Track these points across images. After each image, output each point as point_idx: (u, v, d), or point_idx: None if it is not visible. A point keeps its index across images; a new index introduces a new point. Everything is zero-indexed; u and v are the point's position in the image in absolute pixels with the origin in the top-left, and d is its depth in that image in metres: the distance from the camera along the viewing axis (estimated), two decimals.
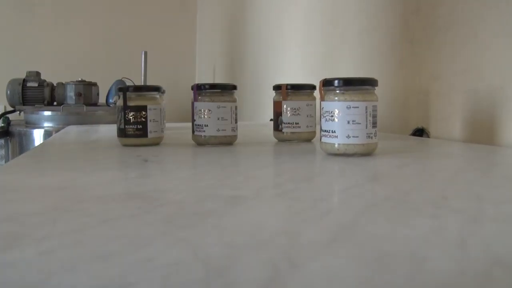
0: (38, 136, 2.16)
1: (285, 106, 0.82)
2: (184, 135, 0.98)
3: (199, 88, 0.77)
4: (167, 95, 1.24)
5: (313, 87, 0.83)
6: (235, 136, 0.79)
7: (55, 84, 2.38)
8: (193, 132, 0.78)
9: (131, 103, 0.76)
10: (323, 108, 0.64)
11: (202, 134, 0.76)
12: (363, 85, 0.63)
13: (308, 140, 0.83)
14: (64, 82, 2.37)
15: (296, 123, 0.81)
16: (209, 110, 0.76)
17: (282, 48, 1.70)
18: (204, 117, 0.76)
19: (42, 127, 2.17)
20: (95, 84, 2.41)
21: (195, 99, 0.77)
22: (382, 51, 1.10)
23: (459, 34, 0.87)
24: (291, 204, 0.36)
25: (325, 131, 0.64)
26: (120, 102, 0.78)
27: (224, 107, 0.76)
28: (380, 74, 1.04)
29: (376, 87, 0.65)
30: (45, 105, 2.34)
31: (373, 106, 0.64)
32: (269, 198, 0.39)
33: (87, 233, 0.29)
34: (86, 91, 2.38)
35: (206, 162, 0.61)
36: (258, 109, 1.95)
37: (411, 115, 1.00)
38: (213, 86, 0.77)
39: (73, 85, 2.36)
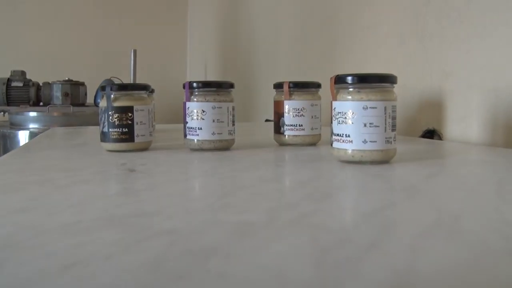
0: (23, 137, 2.06)
1: (287, 107, 0.73)
2: (175, 138, 0.89)
3: (191, 86, 0.68)
4: (157, 94, 1.14)
5: (318, 85, 0.75)
6: (233, 140, 0.70)
7: (41, 84, 2.28)
8: (185, 135, 0.69)
9: (115, 104, 0.67)
10: (335, 108, 0.56)
11: (195, 138, 0.67)
12: (382, 82, 0.55)
13: (313, 144, 0.74)
14: (50, 82, 2.26)
15: (299, 125, 0.73)
16: (203, 111, 0.67)
17: (277, 44, 1.62)
18: (197, 119, 0.67)
19: (27, 129, 2.07)
20: (82, 84, 2.31)
21: (187, 99, 0.68)
22: (388, 47, 1.01)
23: (477, 26, 0.78)
24: (316, 235, 0.28)
25: (338, 135, 0.55)
26: (103, 103, 0.69)
27: (220, 107, 0.67)
28: (386, 71, 0.95)
29: (395, 85, 0.56)
30: (30, 106, 2.23)
31: (392, 106, 0.55)
32: (286, 225, 0.30)
33: None
34: (74, 91, 2.28)
35: (201, 172, 0.52)
36: (252, 108, 1.86)
37: (421, 116, 0.92)
38: (207, 84, 0.68)
39: (60, 85, 2.26)
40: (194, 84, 0.67)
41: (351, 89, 0.55)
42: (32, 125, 2.09)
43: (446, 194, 0.39)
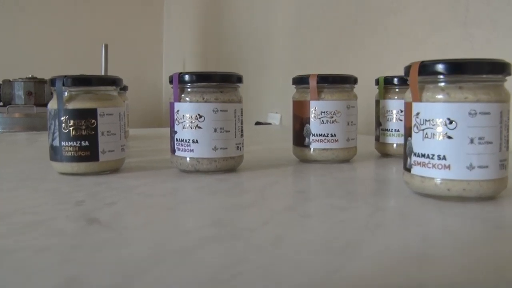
0: None
1: (315, 109, 0.51)
2: (156, 150, 0.66)
3: (182, 80, 0.45)
4: (130, 94, 0.91)
5: (354, 80, 0.53)
6: (241, 158, 0.48)
7: (0, 82, 2.00)
8: (173, 150, 0.47)
9: (70, 105, 0.44)
10: (418, 114, 0.34)
11: (189, 155, 0.45)
12: (493, 73, 0.33)
13: (346, 160, 0.53)
14: (11, 79, 1.99)
15: (332, 135, 0.51)
16: (200, 116, 0.45)
17: (269, 35, 1.39)
18: (191, 127, 0.45)
19: None
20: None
21: (176, 98, 0.46)
22: (416, 35, 0.81)
23: None
24: None
25: (423, 156, 0.34)
26: (53, 104, 0.46)
27: (225, 110, 0.45)
28: None
29: (508, 77, 0.35)
30: None
31: (508, 111, 0.34)
32: None
33: None
34: (38, 90, 2.01)
35: (209, 226, 0.30)
36: None
37: None
38: (205, 77, 0.45)
39: (22, 83, 1.99)
40: (187, 77, 0.45)
41: (445, 84, 0.33)
42: None
43: None
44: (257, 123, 1.26)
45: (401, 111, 0.55)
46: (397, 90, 0.56)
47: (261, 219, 0.29)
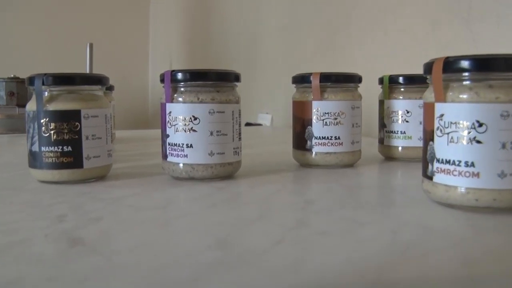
0: None
1: (317, 110, 0.47)
2: (145, 154, 0.62)
3: (175, 79, 0.41)
4: (116, 94, 0.86)
5: (359, 79, 0.49)
6: (238, 164, 0.43)
7: None
8: (164, 156, 0.42)
9: (51, 106, 0.40)
10: (442, 116, 0.31)
11: (182, 161, 0.41)
12: None
13: (350, 165, 0.49)
14: None
15: (336, 138, 0.47)
16: (195, 118, 0.40)
17: (259, 35, 1.35)
18: (185, 130, 0.41)
19: None
20: None
21: (168, 99, 0.41)
22: (415, 33, 0.77)
23: None
24: None
25: (447, 162, 0.30)
26: (31, 105, 0.41)
27: (222, 112, 0.41)
28: (413, 65, 0.71)
29: None
30: None
31: None
32: None
33: None
34: (20, 90, 1.94)
35: (210, 247, 0.26)
36: None
37: None
38: (200, 75, 0.41)
39: (4, 83, 1.92)
40: (180, 75, 0.41)
41: (473, 83, 0.30)
42: None
43: None
44: (247, 124, 1.22)
45: (407, 112, 0.51)
46: (402, 89, 0.52)
47: (272, 238, 0.25)
